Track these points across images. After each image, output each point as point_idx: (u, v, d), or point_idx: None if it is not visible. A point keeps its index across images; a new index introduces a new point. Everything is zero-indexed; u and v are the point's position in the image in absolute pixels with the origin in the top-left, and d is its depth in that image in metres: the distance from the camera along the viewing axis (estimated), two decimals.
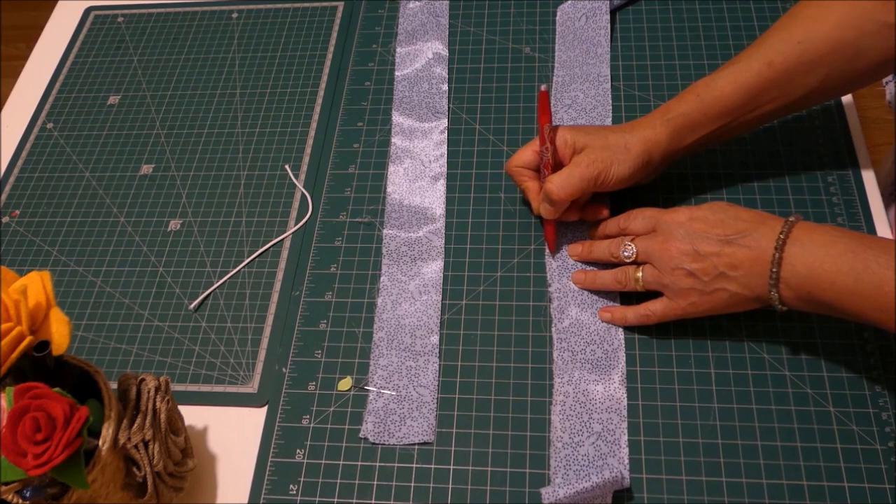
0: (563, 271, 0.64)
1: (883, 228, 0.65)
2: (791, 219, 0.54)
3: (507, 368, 0.61)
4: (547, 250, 0.66)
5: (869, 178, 0.68)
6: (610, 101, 0.73)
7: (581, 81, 0.74)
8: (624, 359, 0.60)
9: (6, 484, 0.47)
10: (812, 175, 0.68)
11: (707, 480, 0.55)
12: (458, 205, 0.71)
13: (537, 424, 0.59)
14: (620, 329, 0.62)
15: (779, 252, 0.53)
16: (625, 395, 0.59)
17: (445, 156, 0.74)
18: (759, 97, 0.61)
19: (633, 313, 0.61)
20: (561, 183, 0.61)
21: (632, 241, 0.60)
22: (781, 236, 0.53)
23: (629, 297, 0.63)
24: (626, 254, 0.60)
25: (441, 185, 0.72)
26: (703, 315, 0.58)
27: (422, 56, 0.81)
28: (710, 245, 0.55)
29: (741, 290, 0.55)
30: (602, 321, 0.62)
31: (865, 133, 0.71)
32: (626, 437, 0.57)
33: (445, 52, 0.80)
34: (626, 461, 0.56)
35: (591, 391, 0.59)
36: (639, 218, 0.61)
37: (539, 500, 0.55)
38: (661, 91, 0.75)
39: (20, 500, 0.47)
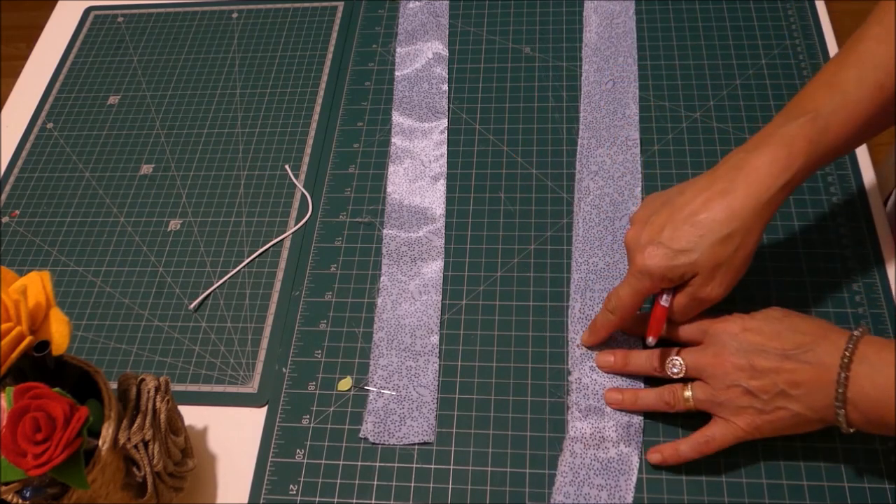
0: (585, 359, 0.60)
1: (883, 229, 0.65)
2: (856, 333, 0.49)
3: (507, 368, 0.61)
4: (570, 319, 0.62)
5: (869, 178, 0.68)
6: (639, 168, 0.69)
7: (608, 145, 0.71)
8: (637, 464, 0.56)
9: (6, 484, 0.47)
10: (811, 175, 0.68)
11: (707, 480, 0.55)
12: (458, 205, 0.71)
13: (537, 424, 0.59)
14: (639, 441, 0.56)
15: (844, 371, 0.48)
16: None
17: (445, 156, 0.74)
18: (871, 127, 0.53)
19: (689, 445, 0.54)
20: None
21: (678, 354, 0.55)
22: (847, 353, 0.48)
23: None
24: (674, 370, 0.54)
25: (441, 185, 0.72)
26: (767, 436, 0.53)
27: (422, 56, 0.81)
28: (768, 360, 0.50)
29: (804, 410, 0.50)
30: (652, 462, 0.55)
31: None
32: None
33: (445, 52, 0.81)
34: None
35: (595, 496, 0.55)
36: (686, 324, 0.56)
37: (538, 499, 0.55)
38: (661, 91, 0.75)
39: (20, 500, 0.47)
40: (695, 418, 0.56)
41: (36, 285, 0.48)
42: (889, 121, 0.54)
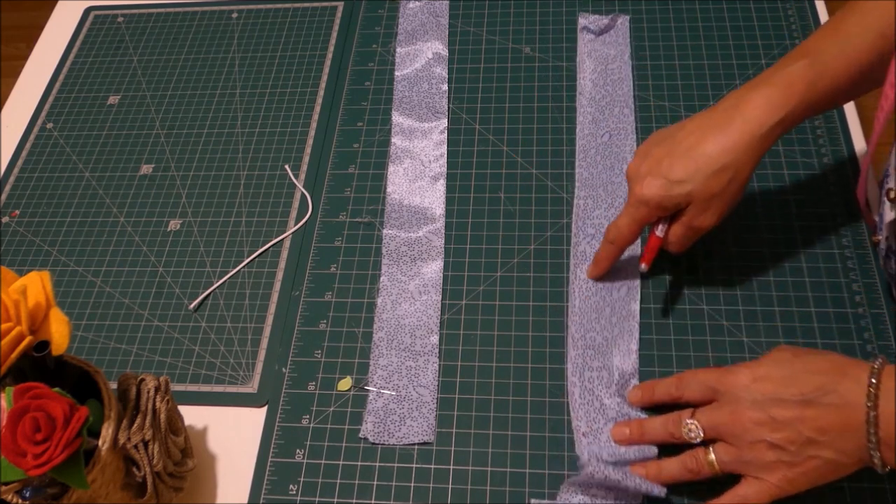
0: (592, 445, 0.56)
1: None
2: (876, 365, 0.46)
3: (507, 368, 0.61)
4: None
5: (869, 178, 0.68)
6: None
7: (606, 207, 0.67)
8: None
9: (6, 484, 0.47)
10: (812, 175, 0.68)
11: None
12: (458, 205, 0.71)
13: (537, 424, 0.59)
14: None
15: (873, 409, 0.44)
16: None
17: (445, 156, 0.74)
18: (869, 77, 0.54)
19: None
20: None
21: (692, 416, 0.51)
22: (871, 390, 0.45)
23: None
24: (690, 434, 0.51)
25: (441, 185, 0.72)
26: (806, 489, 0.49)
27: (422, 56, 0.81)
28: (787, 409, 0.47)
29: (836, 456, 0.46)
30: None
31: (866, 133, 0.71)
32: None
33: (445, 52, 0.80)
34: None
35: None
36: (692, 383, 0.53)
37: (540, 499, 0.55)
38: (661, 91, 0.75)
39: (20, 500, 0.47)
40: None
41: (36, 285, 0.48)
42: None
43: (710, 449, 0.51)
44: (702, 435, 0.51)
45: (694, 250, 0.65)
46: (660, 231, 0.58)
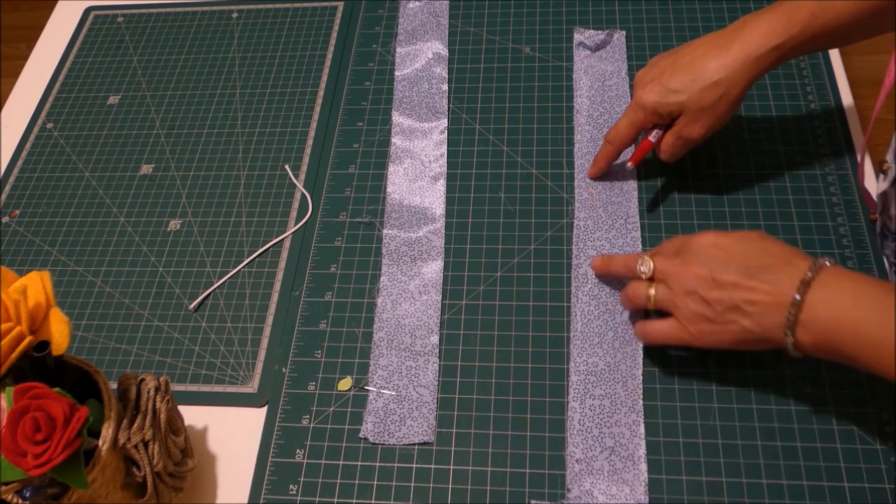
0: (584, 475, 0.56)
1: None
2: (821, 261, 0.50)
3: (507, 368, 0.61)
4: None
5: (870, 178, 0.68)
6: (640, 251, 0.65)
7: (607, 228, 0.66)
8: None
9: (6, 484, 0.47)
10: (812, 175, 0.68)
11: (707, 480, 0.55)
12: (458, 205, 0.71)
13: (537, 424, 0.59)
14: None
15: (801, 294, 0.49)
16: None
17: (445, 156, 0.74)
18: (868, 21, 0.57)
19: (640, 327, 0.58)
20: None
21: (651, 256, 0.57)
22: (808, 276, 0.49)
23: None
24: (642, 268, 0.56)
25: (441, 185, 0.72)
26: (709, 347, 0.54)
27: (422, 56, 0.81)
28: (729, 275, 0.52)
29: (754, 327, 0.51)
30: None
31: (864, 129, 0.71)
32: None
33: (445, 52, 0.81)
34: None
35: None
36: (667, 246, 0.58)
37: (539, 499, 0.55)
38: None
39: (20, 500, 0.47)
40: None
41: (36, 285, 0.48)
42: (886, 25, 0.58)
43: (653, 285, 0.56)
44: (651, 273, 0.56)
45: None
46: (653, 136, 0.63)
